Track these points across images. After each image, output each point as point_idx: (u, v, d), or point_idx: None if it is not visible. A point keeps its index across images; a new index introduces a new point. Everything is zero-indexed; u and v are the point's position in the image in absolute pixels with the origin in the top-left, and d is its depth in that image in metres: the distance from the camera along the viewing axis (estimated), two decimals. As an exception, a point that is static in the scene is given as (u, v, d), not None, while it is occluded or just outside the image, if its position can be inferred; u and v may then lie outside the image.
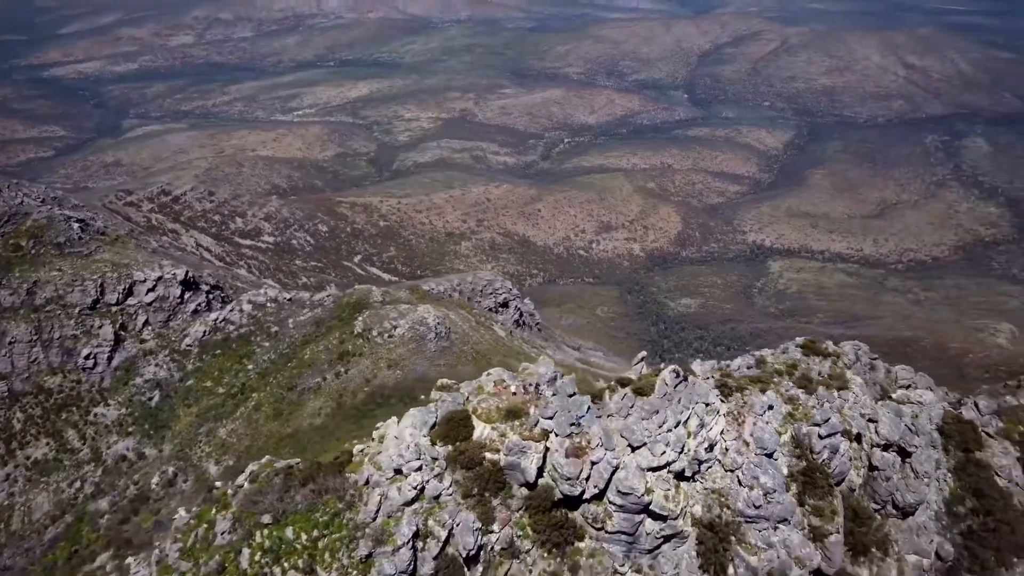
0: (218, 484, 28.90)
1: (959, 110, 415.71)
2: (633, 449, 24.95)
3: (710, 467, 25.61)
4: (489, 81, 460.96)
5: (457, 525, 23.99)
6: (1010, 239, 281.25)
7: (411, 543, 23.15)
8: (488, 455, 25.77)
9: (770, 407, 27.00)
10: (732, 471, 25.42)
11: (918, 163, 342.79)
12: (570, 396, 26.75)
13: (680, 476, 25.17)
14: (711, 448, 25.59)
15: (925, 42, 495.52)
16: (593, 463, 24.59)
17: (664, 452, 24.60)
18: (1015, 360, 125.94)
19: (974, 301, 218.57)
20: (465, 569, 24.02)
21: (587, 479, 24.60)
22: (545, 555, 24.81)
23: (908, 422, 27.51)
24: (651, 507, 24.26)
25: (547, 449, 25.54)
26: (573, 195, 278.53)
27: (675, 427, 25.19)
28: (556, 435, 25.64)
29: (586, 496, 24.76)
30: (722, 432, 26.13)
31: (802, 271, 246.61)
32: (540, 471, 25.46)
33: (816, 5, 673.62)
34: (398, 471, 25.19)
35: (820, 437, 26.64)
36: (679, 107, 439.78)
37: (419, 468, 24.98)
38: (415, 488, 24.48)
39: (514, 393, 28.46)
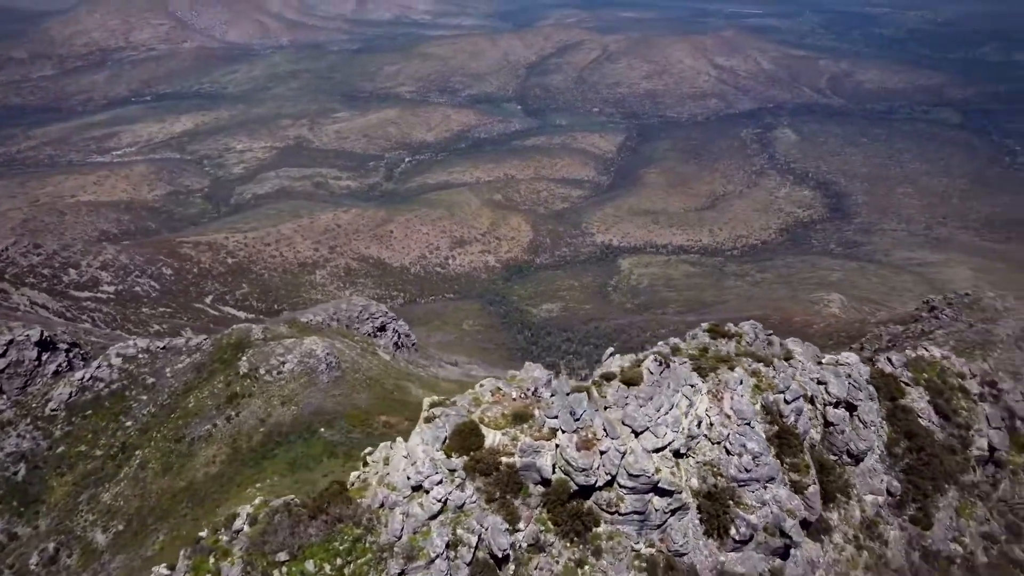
0: (202, 534, 27.27)
1: (766, 104, 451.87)
2: (636, 435, 26.89)
3: (698, 442, 27.78)
4: (320, 106, 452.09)
5: (487, 529, 25.15)
6: (824, 218, 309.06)
7: (444, 553, 23.99)
8: (504, 459, 26.86)
9: (741, 382, 29.29)
10: (719, 443, 27.77)
11: (738, 155, 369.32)
12: (568, 395, 28.00)
13: (677, 454, 27.33)
14: (699, 424, 27.81)
15: (729, 44, 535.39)
16: (602, 452, 26.24)
17: (666, 433, 26.78)
18: (851, 326, 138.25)
19: (803, 277, 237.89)
20: (498, 570, 25.08)
21: (599, 468, 26.20)
22: (568, 544, 26.35)
23: (850, 381, 30.46)
24: (659, 484, 26.20)
25: (557, 446, 26.88)
26: (423, 213, 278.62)
27: (670, 409, 27.26)
28: (563, 432, 27.06)
29: (599, 484, 26.38)
30: (707, 409, 28.24)
31: (650, 266, 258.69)
32: (553, 467, 26.82)
33: (628, 14, 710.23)
34: (416, 488, 25.79)
35: (786, 402, 29.61)
36: (514, 118, 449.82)
37: (440, 481, 25.73)
38: (439, 500, 25.31)
39: (514, 399, 29.29)
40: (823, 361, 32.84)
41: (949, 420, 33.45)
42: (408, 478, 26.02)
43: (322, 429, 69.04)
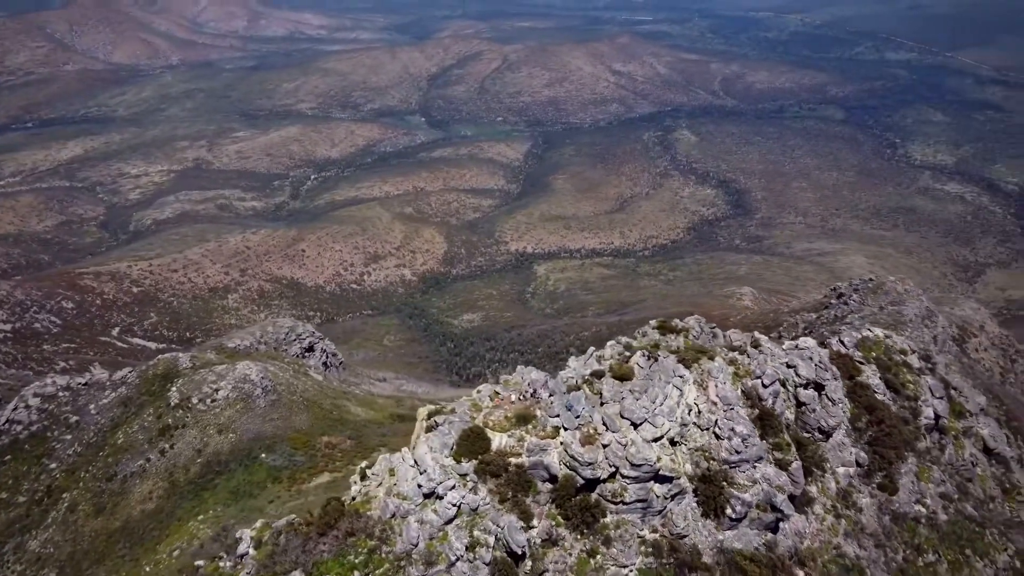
0: (200, 563, 26.31)
1: (664, 107, 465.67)
2: (635, 426, 28.08)
3: (689, 430, 29.17)
4: (218, 126, 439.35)
5: (504, 528, 25.97)
6: (727, 215, 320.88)
7: (464, 556, 24.88)
8: (512, 460, 27.73)
9: (722, 370, 30.71)
10: (707, 429, 29.23)
11: (641, 158, 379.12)
12: (565, 394, 29.06)
13: (672, 442, 28.69)
14: (690, 412, 29.19)
15: (625, 50, 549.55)
16: (604, 446, 27.42)
17: (664, 423, 28.17)
18: (766, 316, 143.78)
19: (713, 272, 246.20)
20: (515, 566, 25.82)
21: (603, 461, 27.35)
22: (579, 537, 27.45)
23: (816, 363, 32.21)
24: (661, 472, 27.59)
25: (562, 443, 27.88)
26: (335, 230, 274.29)
27: (665, 400, 28.56)
28: (565, 429, 28.21)
29: (603, 477, 27.53)
30: (695, 398, 29.60)
31: (566, 270, 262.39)
32: (559, 464, 27.93)
33: (525, 24, 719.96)
34: (428, 495, 26.41)
35: (764, 386, 31.35)
36: (419, 131, 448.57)
37: (453, 486, 26.37)
38: (454, 505, 26.07)
39: (514, 401, 30.03)
40: (784, 347, 34.49)
41: (899, 393, 35.92)
42: (419, 486, 26.58)
43: (263, 455, 67.30)
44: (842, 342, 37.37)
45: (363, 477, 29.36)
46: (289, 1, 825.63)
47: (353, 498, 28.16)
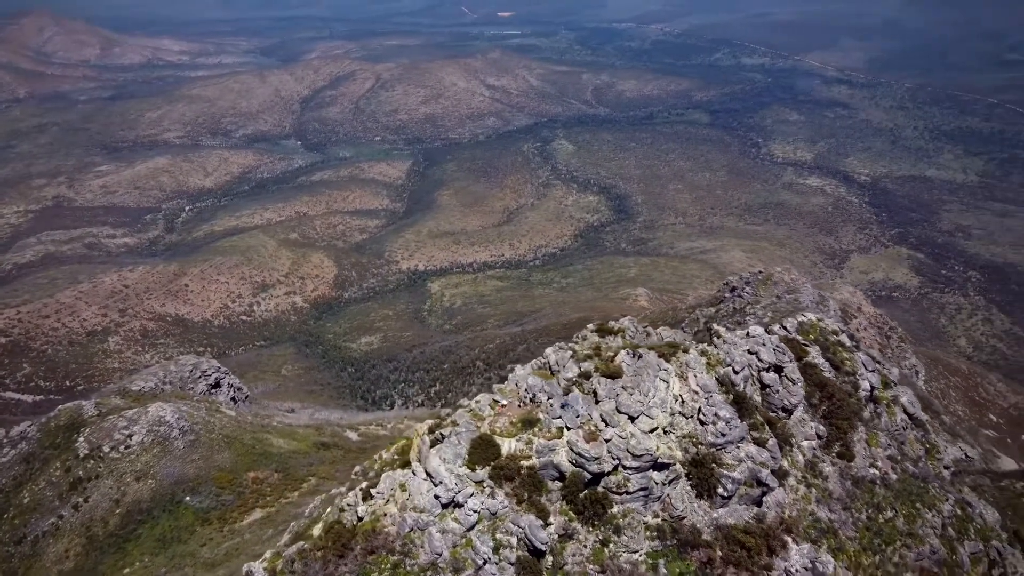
0: None
1: (541, 119, 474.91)
2: (632, 420, 29.73)
3: (676, 419, 31.04)
4: (78, 161, 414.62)
5: (525, 528, 27.27)
6: (611, 220, 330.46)
7: (491, 558, 26.13)
8: (523, 463, 28.99)
9: (697, 361, 32.80)
10: (692, 416, 31.22)
11: (523, 170, 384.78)
12: (563, 396, 30.46)
13: (664, 431, 30.51)
14: (676, 402, 31.18)
15: (497, 64, 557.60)
16: (607, 440, 29.03)
17: (658, 415, 30.06)
18: (666, 314, 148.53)
19: (604, 277, 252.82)
20: (538, 563, 27.22)
21: (607, 455, 29.01)
22: (591, 529, 28.93)
23: (774, 347, 34.40)
24: (659, 460, 29.45)
25: (568, 443, 29.41)
26: (218, 262, 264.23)
27: (656, 393, 30.40)
28: (569, 429, 29.75)
29: (607, 470, 29.11)
30: (679, 389, 31.54)
31: (460, 285, 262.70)
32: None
33: (393, 42, 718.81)
34: (446, 504, 27.31)
35: (735, 372, 33.78)
36: (295, 155, 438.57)
37: (472, 494, 27.40)
38: (475, 511, 27.08)
39: (517, 407, 31.18)
40: (738, 336, 36.50)
41: (839, 370, 38.78)
42: (436, 497, 27.44)
43: (188, 497, 64.34)
44: (784, 327, 40.01)
45: (367, 497, 29.54)
46: (145, 28, 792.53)
47: (360, 518, 28.32)
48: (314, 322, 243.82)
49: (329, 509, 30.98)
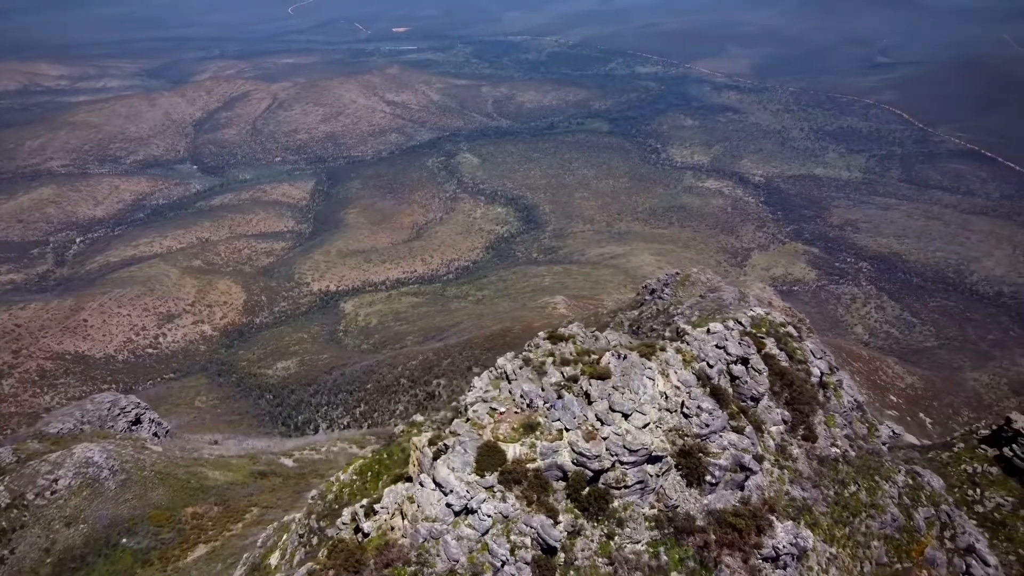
0: None
1: (443, 133, 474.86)
2: (626, 417, 31.16)
3: (662, 413, 32.55)
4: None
5: (538, 528, 28.24)
6: (521, 231, 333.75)
7: (509, 559, 27.04)
8: (529, 466, 29.97)
9: (675, 358, 34.72)
10: (675, 411, 32.90)
11: (429, 184, 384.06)
12: (558, 399, 31.80)
13: (654, 426, 31.92)
14: (661, 397, 32.79)
15: (396, 80, 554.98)
16: (604, 439, 30.43)
17: (650, 411, 31.65)
18: (587, 320, 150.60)
19: (520, 287, 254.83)
20: (551, 560, 28.30)
21: (606, 452, 30.33)
22: (596, 524, 30.17)
23: (738, 341, 36.09)
24: (654, 453, 31.01)
25: (569, 443, 30.69)
26: (118, 294, 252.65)
27: (645, 391, 31.94)
28: (568, 430, 31.01)
29: (607, 467, 30.39)
30: (662, 385, 33.10)
31: (374, 304, 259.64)
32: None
33: (288, 60, 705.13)
34: (459, 512, 28.09)
35: (709, 366, 35.51)
36: (192, 180, 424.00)
37: (485, 499, 28.23)
38: (489, 516, 27.92)
39: (516, 413, 32.16)
40: (701, 332, 38.07)
41: (792, 359, 40.97)
42: (449, 505, 28.12)
43: (124, 540, 61.50)
44: (739, 322, 41.83)
45: (371, 513, 29.93)
46: (16, 52, 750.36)
47: (366, 535, 28.79)
48: (225, 350, 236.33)
49: (333, 530, 30.55)
